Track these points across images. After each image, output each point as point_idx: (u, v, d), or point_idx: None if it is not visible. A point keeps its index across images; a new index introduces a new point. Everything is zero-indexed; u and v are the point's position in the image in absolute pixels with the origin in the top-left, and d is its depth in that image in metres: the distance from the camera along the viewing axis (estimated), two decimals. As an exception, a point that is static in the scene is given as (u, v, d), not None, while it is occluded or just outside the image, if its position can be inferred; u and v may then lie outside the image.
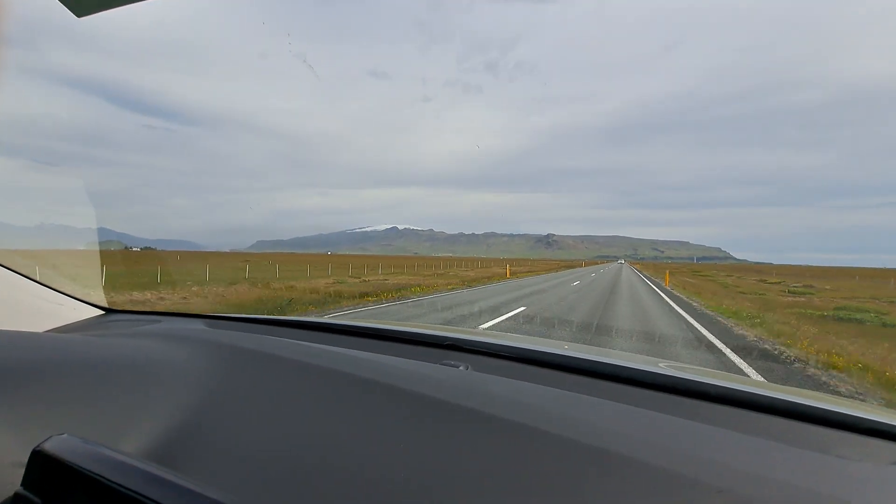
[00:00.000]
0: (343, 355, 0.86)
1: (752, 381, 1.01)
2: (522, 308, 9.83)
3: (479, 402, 0.66)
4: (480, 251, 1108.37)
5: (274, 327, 1.29)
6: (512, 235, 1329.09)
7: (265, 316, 1.41)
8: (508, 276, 26.36)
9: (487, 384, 0.76)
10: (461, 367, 0.90)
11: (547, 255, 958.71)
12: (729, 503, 0.46)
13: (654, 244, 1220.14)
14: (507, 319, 7.98)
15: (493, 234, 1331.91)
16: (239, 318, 1.38)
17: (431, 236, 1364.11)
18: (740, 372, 5.06)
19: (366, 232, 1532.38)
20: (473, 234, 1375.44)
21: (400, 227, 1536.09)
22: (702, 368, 1.08)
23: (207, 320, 1.36)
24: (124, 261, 31.54)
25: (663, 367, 0.96)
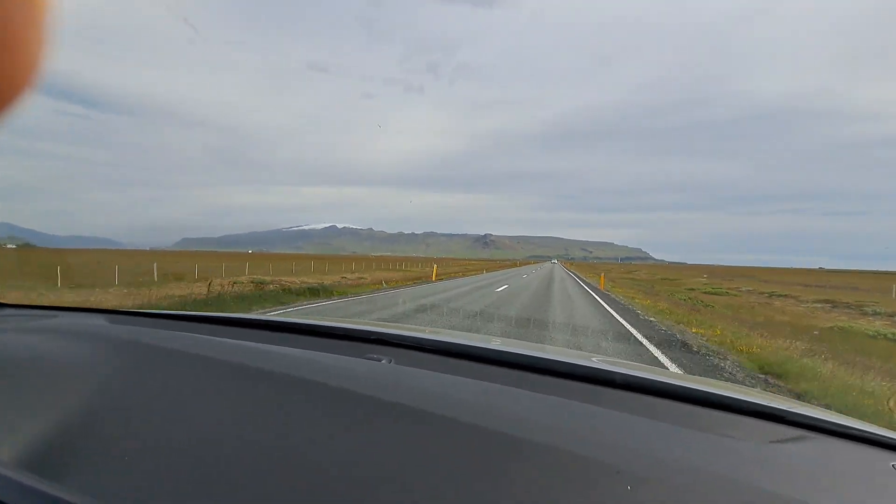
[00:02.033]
0: (254, 350, 0.84)
1: (665, 371, 1.10)
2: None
3: (399, 395, 0.65)
4: (420, 251, 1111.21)
5: (184, 322, 1.25)
6: (451, 235, 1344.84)
7: (175, 311, 1.37)
8: (434, 278, 23.49)
9: (409, 377, 0.76)
10: (383, 361, 0.89)
11: (484, 254, 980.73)
12: (626, 483, 0.49)
13: (583, 245, 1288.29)
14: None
15: (433, 234, 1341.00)
16: (145, 313, 1.33)
17: (371, 235, 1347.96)
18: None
19: (303, 230, 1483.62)
20: (413, 233, 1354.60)
21: (339, 225, 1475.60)
22: (622, 361, 1.16)
23: (110, 315, 1.28)
24: (21, 259, 28.18)
25: (579, 358, 0.99)
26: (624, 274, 43.35)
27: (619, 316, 9.74)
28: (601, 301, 13.11)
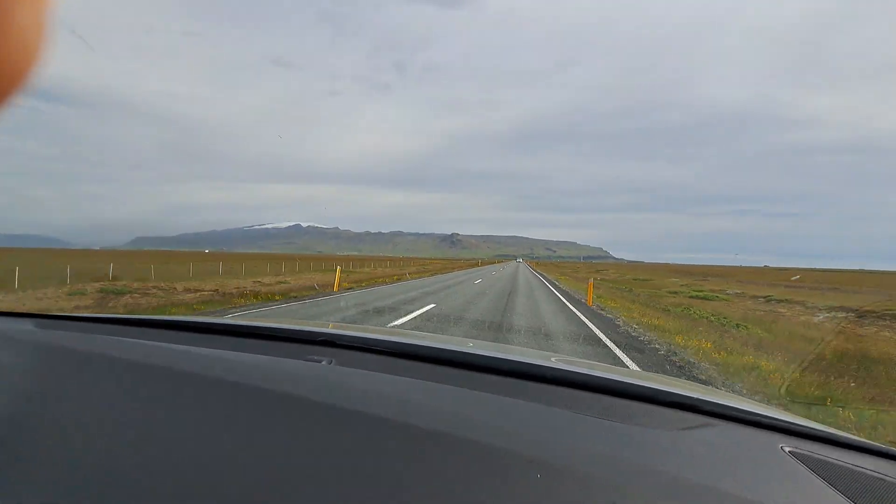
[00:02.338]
0: (190, 354, 0.82)
1: (594, 364, 1.09)
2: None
3: (336, 397, 0.65)
4: (386, 250, 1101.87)
5: (119, 327, 1.19)
6: (418, 235, 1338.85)
7: (110, 315, 1.30)
8: (389, 278, 22.34)
9: (349, 378, 0.75)
10: (324, 362, 0.88)
11: (451, 253, 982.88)
12: (539, 471, 0.51)
13: (547, 244, 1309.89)
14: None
15: (400, 234, 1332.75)
16: (77, 317, 1.27)
17: (337, 234, 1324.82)
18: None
19: (266, 230, 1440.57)
20: (380, 232, 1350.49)
21: (304, 224, 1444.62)
22: (566, 357, 1.16)
23: (38, 320, 1.22)
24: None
25: (511, 354, 0.99)
26: (593, 273, 40.91)
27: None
28: (597, 332, 7.96)
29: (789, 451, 0.65)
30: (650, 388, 0.83)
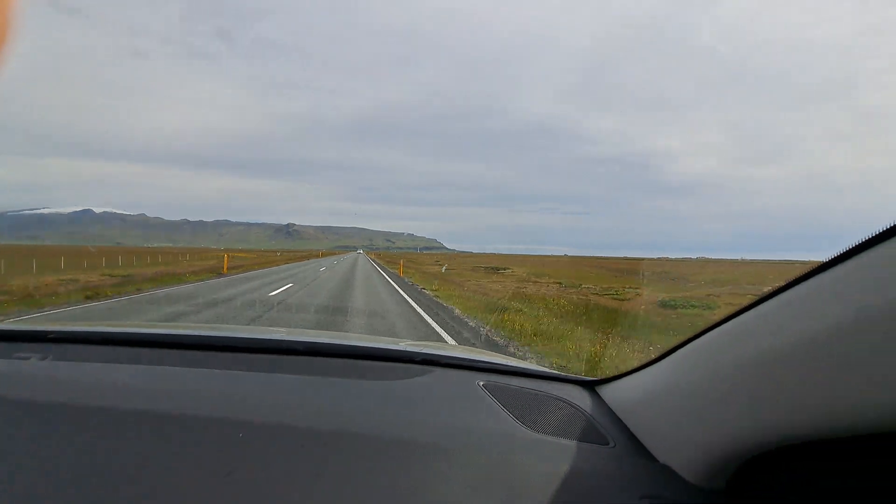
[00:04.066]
0: None
1: (353, 336, 1.40)
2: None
3: (49, 394, 0.64)
4: (211, 241, 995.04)
5: None
6: (249, 224, 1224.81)
7: None
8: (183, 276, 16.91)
9: (64, 372, 0.76)
10: (32, 359, 0.86)
11: (288, 245, 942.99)
12: (303, 436, 0.61)
13: (387, 235, 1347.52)
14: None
15: (227, 223, 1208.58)
16: None
17: (144, 223, 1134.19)
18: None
19: (41, 215, 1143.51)
20: (202, 221, 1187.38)
21: (97, 209, 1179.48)
22: (366, 335, 1.40)
23: None
24: None
25: (283, 334, 1.15)
26: (442, 266, 36.30)
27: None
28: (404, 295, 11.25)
29: (482, 384, 0.85)
30: (387, 349, 1.03)
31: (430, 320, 8.45)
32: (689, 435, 0.60)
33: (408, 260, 42.69)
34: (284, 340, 1.06)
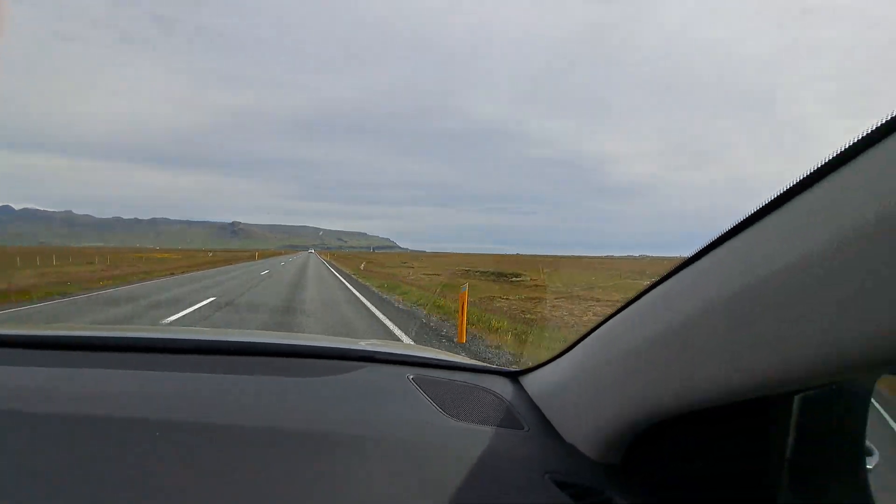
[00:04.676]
0: None
1: (292, 335, 1.43)
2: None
3: None
4: (147, 240, 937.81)
5: None
6: (190, 222, 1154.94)
7: None
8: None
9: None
10: None
11: (233, 244, 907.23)
12: (226, 433, 0.62)
13: (339, 235, 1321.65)
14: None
15: (165, 221, 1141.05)
16: None
17: (70, 220, 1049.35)
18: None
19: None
20: (137, 219, 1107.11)
21: (16, 206, 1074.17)
22: (301, 334, 1.70)
23: None
24: None
25: (209, 333, 1.15)
26: (403, 269, 30.60)
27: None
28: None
29: (412, 378, 0.88)
30: (319, 346, 1.06)
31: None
32: (588, 416, 0.68)
33: (368, 262, 39.94)
34: (207, 340, 1.05)
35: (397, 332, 7.26)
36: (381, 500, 0.56)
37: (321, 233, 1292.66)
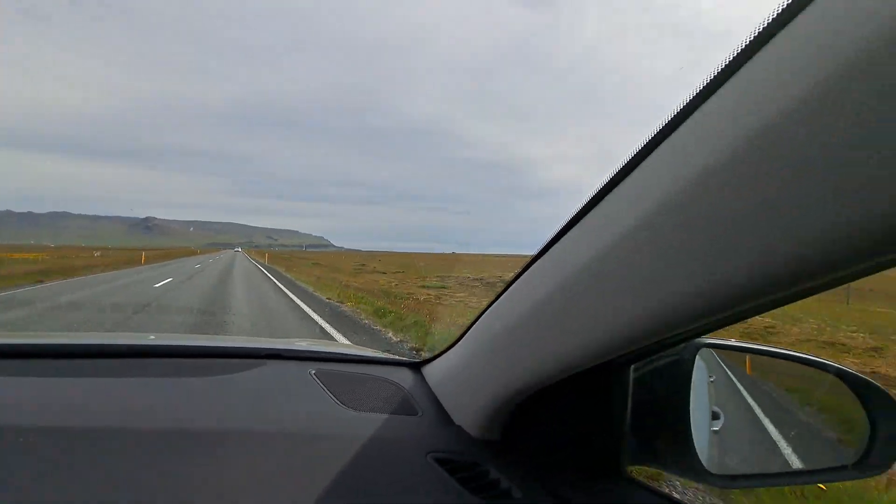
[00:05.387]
0: None
1: (207, 337, 1.79)
2: None
3: None
4: (45, 237, 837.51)
5: None
6: (97, 217, 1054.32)
7: None
8: None
9: None
10: None
11: (147, 241, 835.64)
12: (122, 435, 0.63)
13: (268, 232, 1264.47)
14: None
15: (67, 215, 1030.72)
16: None
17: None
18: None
19: None
20: (31, 213, 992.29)
21: None
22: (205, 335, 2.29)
23: None
24: None
25: (102, 337, 1.17)
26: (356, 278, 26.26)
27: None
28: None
29: (314, 373, 0.91)
30: (227, 346, 1.09)
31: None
32: (472, 398, 0.73)
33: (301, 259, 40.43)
34: (102, 345, 1.03)
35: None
36: (270, 492, 0.58)
37: (250, 230, 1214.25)
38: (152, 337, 1.29)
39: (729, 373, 0.88)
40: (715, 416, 0.79)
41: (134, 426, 0.66)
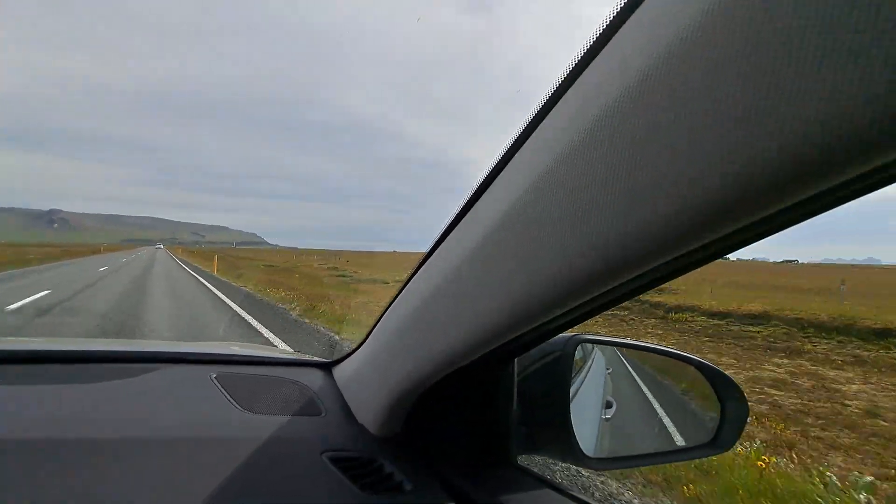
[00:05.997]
0: None
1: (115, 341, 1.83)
2: None
3: None
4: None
5: None
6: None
7: None
8: None
9: None
10: None
11: (50, 237, 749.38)
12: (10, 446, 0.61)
13: (195, 228, 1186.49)
14: None
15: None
16: None
17: None
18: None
19: None
20: None
21: None
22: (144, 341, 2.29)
23: None
24: None
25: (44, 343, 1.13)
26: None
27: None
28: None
29: (215, 377, 0.89)
30: (123, 350, 1.06)
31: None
32: (372, 396, 0.74)
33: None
34: None
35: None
36: (156, 500, 0.57)
37: (176, 225, 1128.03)
38: (41, 340, 1.14)
39: (629, 366, 0.96)
40: (608, 405, 0.87)
41: (19, 436, 0.63)
